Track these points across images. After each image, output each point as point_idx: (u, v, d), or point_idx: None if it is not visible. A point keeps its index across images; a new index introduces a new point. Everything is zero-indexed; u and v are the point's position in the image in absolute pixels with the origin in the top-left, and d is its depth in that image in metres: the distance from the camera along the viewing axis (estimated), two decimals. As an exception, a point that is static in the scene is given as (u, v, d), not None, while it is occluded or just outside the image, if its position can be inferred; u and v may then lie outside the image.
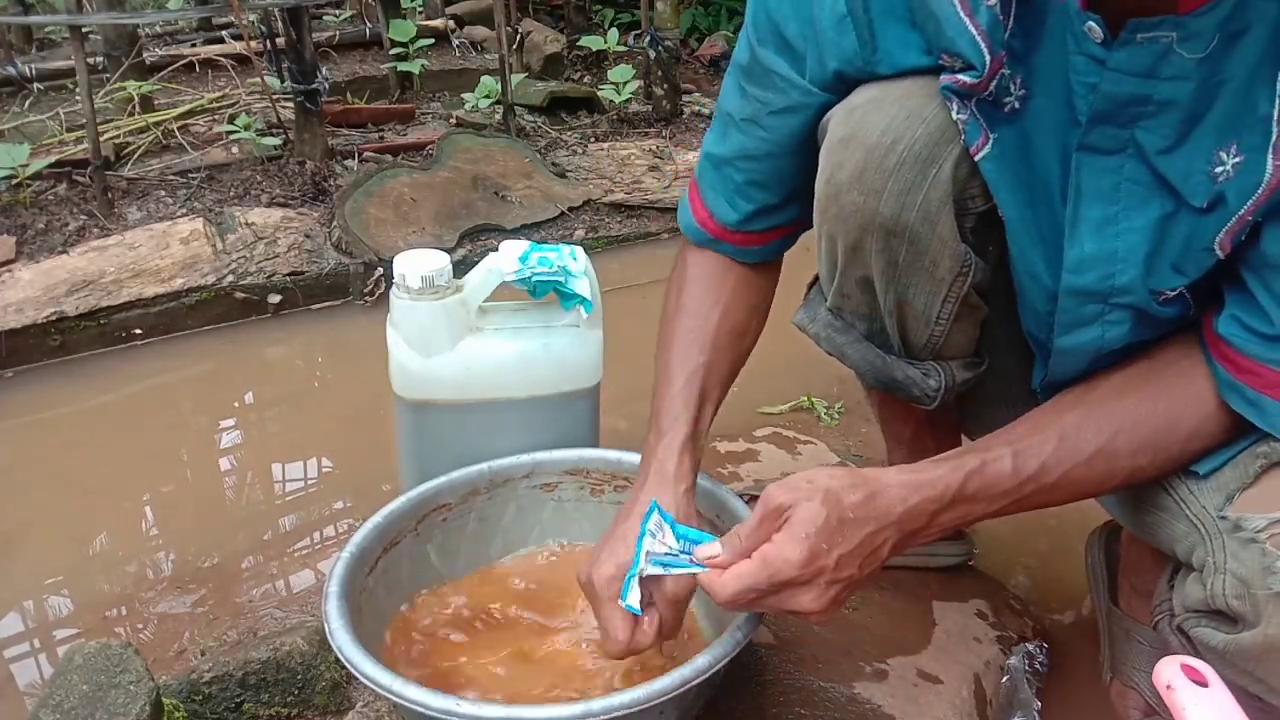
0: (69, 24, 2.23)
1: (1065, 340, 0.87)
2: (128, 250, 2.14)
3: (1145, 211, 0.77)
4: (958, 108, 0.80)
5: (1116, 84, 0.73)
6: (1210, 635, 0.80)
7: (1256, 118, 0.70)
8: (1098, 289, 0.82)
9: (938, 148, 0.81)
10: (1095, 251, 0.80)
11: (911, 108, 0.81)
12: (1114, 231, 0.79)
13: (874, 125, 0.82)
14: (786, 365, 1.15)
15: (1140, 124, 0.74)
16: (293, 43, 2.48)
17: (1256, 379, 0.77)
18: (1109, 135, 0.75)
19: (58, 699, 0.82)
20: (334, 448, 1.74)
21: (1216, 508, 0.80)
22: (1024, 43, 0.76)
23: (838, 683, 1.03)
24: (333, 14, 4.00)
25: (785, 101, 0.90)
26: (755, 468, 1.46)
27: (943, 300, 0.90)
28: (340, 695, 1.02)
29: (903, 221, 0.84)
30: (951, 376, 0.97)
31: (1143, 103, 0.73)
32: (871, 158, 0.83)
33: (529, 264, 1.12)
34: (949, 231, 0.85)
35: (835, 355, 1.02)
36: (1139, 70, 0.71)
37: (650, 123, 3.35)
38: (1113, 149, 0.76)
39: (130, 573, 1.40)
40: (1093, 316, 0.84)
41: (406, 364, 1.13)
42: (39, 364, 1.96)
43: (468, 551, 1.11)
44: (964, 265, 0.87)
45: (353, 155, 2.70)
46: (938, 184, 0.82)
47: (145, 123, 2.65)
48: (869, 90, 0.84)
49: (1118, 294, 0.81)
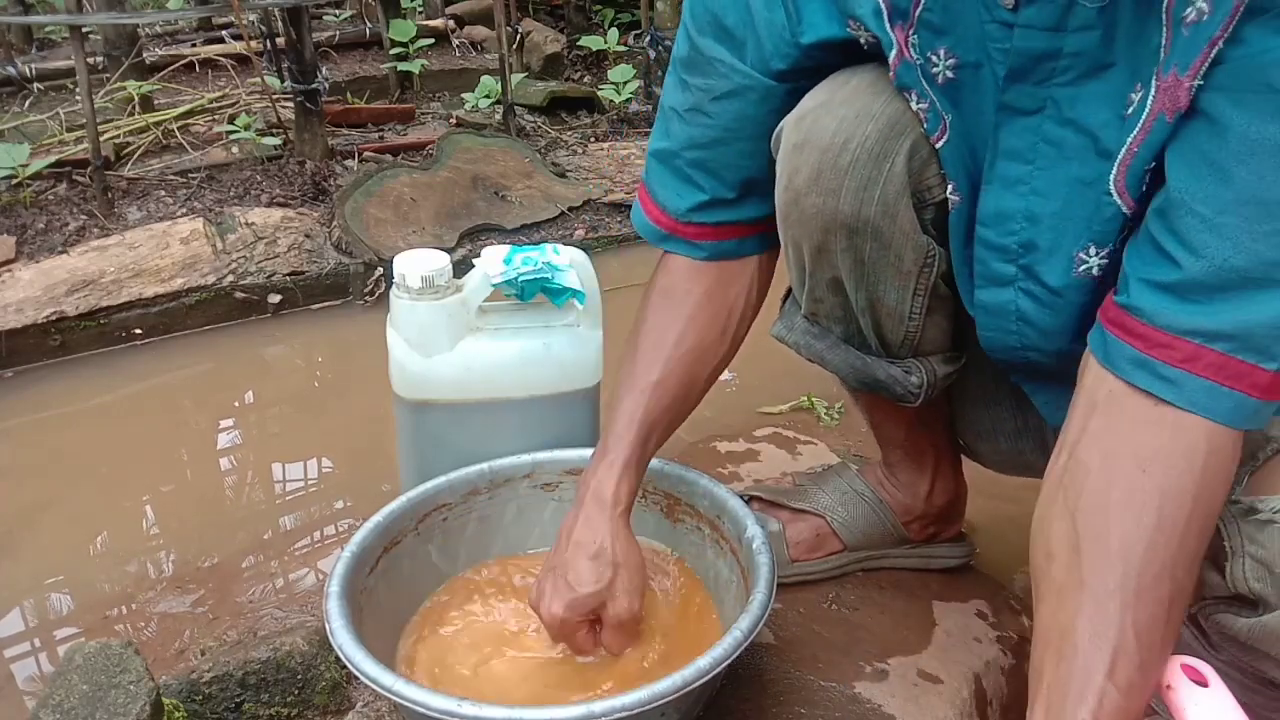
0: (69, 24, 2.23)
1: (983, 295, 0.87)
2: (128, 250, 2.14)
3: (1058, 170, 0.78)
4: (916, 97, 0.81)
5: (1026, 39, 0.74)
6: (1231, 621, 0.79)
7: (1150, 50, 0.70)
8: (1004, 244, 0.83)
9: (889, 142, 0.83)
10: (1005, 207, 0.81)
11: (860, 107, 0.83)
12: (1026, 189, 0.80)
13: (825, 128, 0.84)
14: (786, 365, 1.15)
15: (1055, 80, 0.75)
16: (293, 43, 2.48)
17: (1171, 353, 0.69)
18: (1026, 94, 0.77)
19: (58, 699, 0.82)
20: (334, 447, 1.74)
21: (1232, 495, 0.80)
22: (942, 15, 0.78)
23: (838, 683, 1.03)
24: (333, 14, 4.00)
25: (728, 85, 0.90)
26: (755, 468, 1.46)
27: (913, 293, 0.91)
28: (340, 695, 1.02)
29: (863, 217, 0.85)
30: (933, 372, 0.98)
31: (1054, 57, 0.74)
32: (826, 159, 0.84)
33: (514, 265, 1.12)
34: (909, 224, 0.86)
35: (816, 361, 1.02)
36: (1046, 25, 0.73)
37: (650, 122, 3.35)
38: (1031, 108, 0.77)
39: (130, 572, 1.40)
40: (1007, 277, 0.85)
41: (406, 364, 1.13)
42: (39, 364, 1.96)
43: (468, 551, 1.11)
44: (928, 256, 0.89)
45: (353, 155, 2.70)
46: (893, 177, 0.84)
47: (145, 123, 2.66)
48: (817, 95, 0.86)
49: (1026, 252, 0.82)
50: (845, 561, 1.18)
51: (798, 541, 1.17)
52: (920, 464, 1.15)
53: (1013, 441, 1.08)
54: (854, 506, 1.17)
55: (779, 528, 1.17)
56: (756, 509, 1.14)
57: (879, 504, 1.17)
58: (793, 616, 1.13)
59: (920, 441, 1.14)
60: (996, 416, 1.07)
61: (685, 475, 1.09)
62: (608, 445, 0.96)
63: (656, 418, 0.98)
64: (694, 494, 1.09)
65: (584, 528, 0.94)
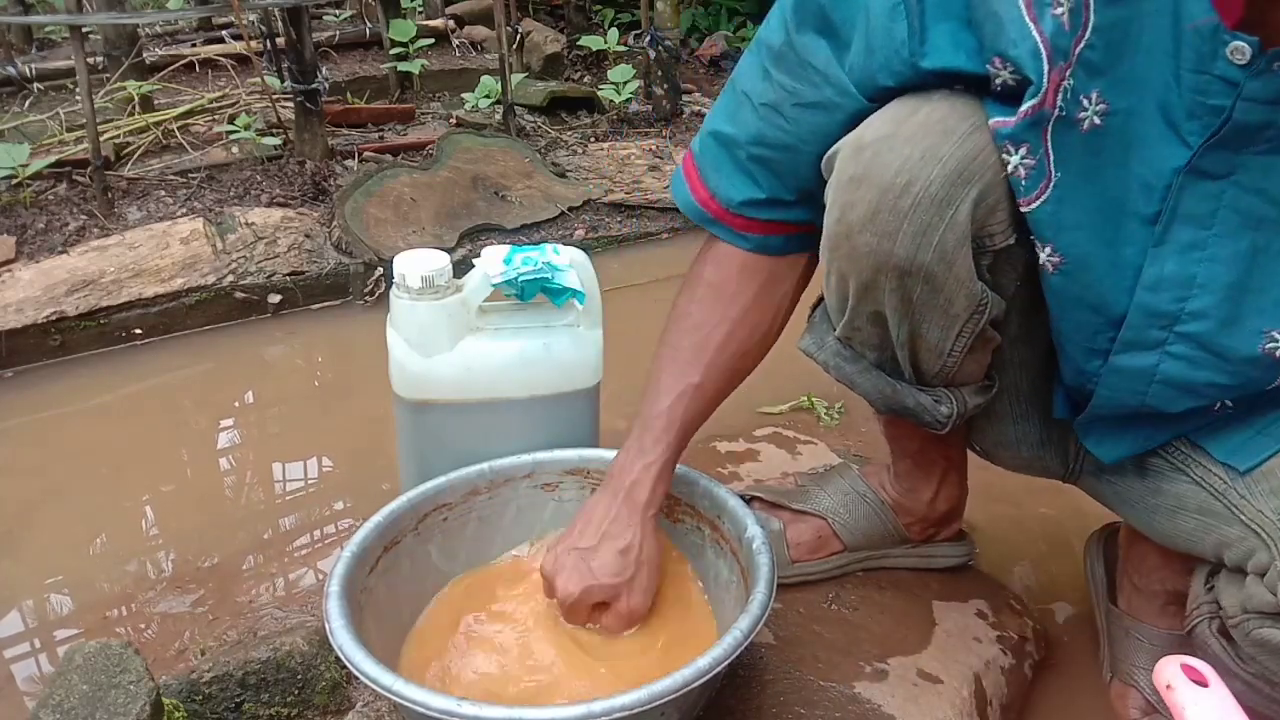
0: (69, 24, 2.23)
1: (1122, 359, 0.84)
2: (128, 250, 2.13)
3: (1237, 240, 0.75)
4: (1026, 152, 0.76)
5: (1246, 113, 0.70)
6: (1274, 635, 0.79)
7: None
8: (1168, 310, 0.79)
9: (955, 189, 0.78)
10: (1174, 273, 0.78)
11: (927, 146, 0.78)
12: (1199, 256, 0.77)
13: (887, 165, 0.79)
14: (786, 365, 1.14)
15: (1250, 149, 0.72)
16: (293, 42, 2.48)
17: None
18: (1221, 160, 0.73)
19: (58, 699, 0.82)
20: (334, 447, 1.74)
21: (1275, 510, 0.80)
22: (1105, 54, 0.72)
23: (838, 683, 1.03)
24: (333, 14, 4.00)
25: (816, 96, 0.86)
26: (755, 468, 1.46)
27: (957, 334, 0.88)
28: (340, 695, 1.02)
29: (918, 263, 0.81)
30: (964, 402, 0.95)
31: (1265, 128, 0.71)
32: (885, 199, 0.79)
33: (513, 265, 1.12)
34: (965, 272, 0.82)
35: (844, 383, 1.00)
36: (1270, 98, 0.69)
37: (650, 123, 3.35)
38: (1219, 174, 0.74)
39: (130, 572, 1.40)
40: (1155, 342, 0.81)
41: (406, 364, 1.13)
42: (39, 364, 1.96)
43: (468, 551, 1.11)
44: (980, 303, 0.85)
45: (353, 155, 2.70)
46: (954, 226, 0.79)
47: (145, 123, 2.65)
48: (879, 125, 0.81)
49: (1186, 319, 0.79)
50: (846, 562, 1.19)
51: (799, 542, 1.17)
52: (929, 473, 1.14)
53: (1036, 450, 1.05)
54: (856, 508, 1.17)
55: (780, 528, 1.17)
56: (757, 509, 1.14)
57: (881, 506, 1.17)
58: (793, 616, 1.13)
59: (932, 454, 1.13)
60: (1022, 431, 1.04)
61: (685, 475, 1.09)
62: (645, 444, 0.96)
63: (692, 419, 0.98)
64: (694, 494, 1.09)
65: (616, 523, 0.96)
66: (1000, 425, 1.04)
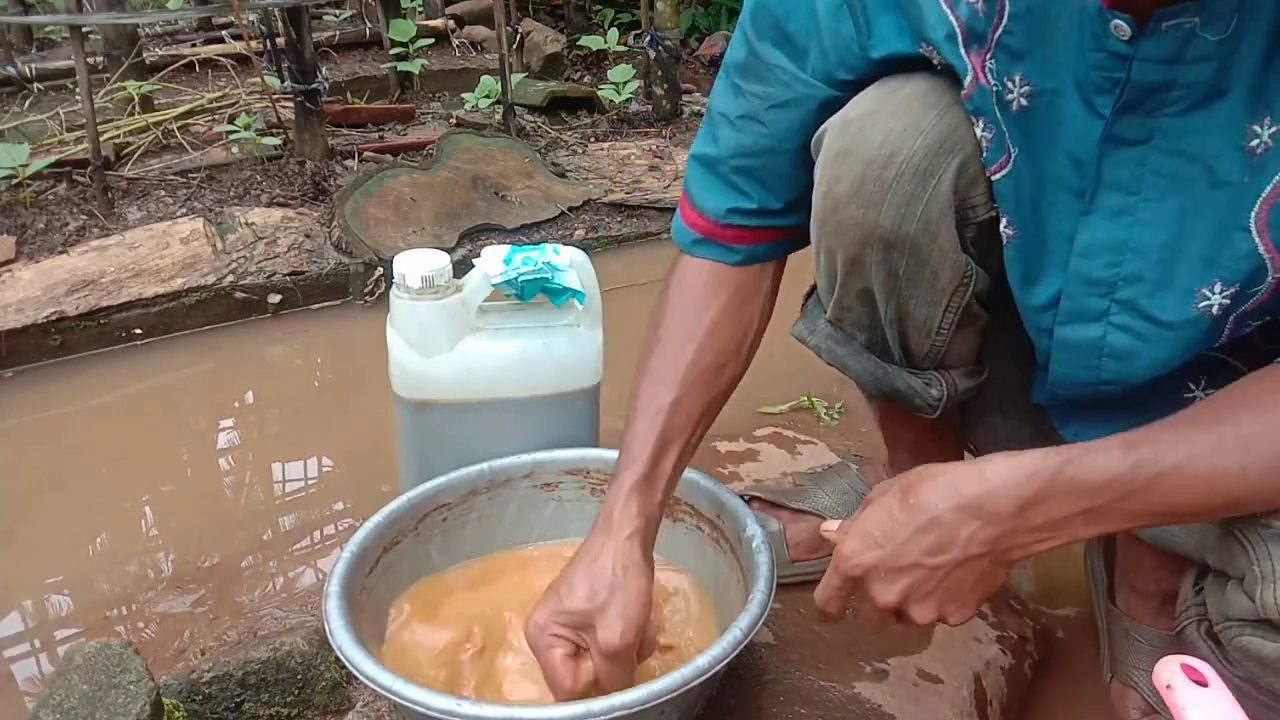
0: (69, 24, 2.23)
1: (1066, 331, 0.85)
2: (128, 250, 2.14)
3: (1163, 202, 0.76)
4: (985, 124, 0.79)
5: (1144, 73, 0.71)
6: (1259, 645, 0.78)
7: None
8: (1102, 276, 0.80)
9: (937, 159, 0.81)
10: (1105, 239, 0.79)
11: (909, 120, 0.81)
12: (1128, 221, 0.78)
13: (872, 138, 0.81)
14: (786, 365, 1.15)
15: (1164, 111, 0.73)
16: (293, 42, 2.48)
17: None
18: (1134, 124, 0.74)
19: (58, 699, 0.82)
20: (333, 448, 1.74)
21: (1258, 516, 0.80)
22: (1025, 39, 0.75)
23: (838, 683, 1.03)
24: (333, 14, 4.00)
25: (788, 94, 0.88)
26: (755, 468, 1.46)
27: (944, 310, 0.89)
28: (340, 695, 1.02)
29: (903, 234, 0.83)
30: (954, 385, 0.97)
31: (1168, 88, 0.71)
32: (870, 170, 0.82)
33: (514, 265, 1.12)
34: (950, 243, 0.84)
35: (836, 366, 1.01)
36: (1165, 57, 0.70)
37: (650, 123, 3.36)
38: (1137, 139, 0.75)
39: (130, 572, 1.40)
40: (1098, 312, 0.82)
41: (406, 364, 1.13)
42: (39, 364, 1.96)
43: (468, 551, 1.11)
44: (965, 275, 0.87)
45: (353, 155, 2.70)
46: (938, 195, 0.82)
47: (145, 123, 2.66)
48: (864, 102, 0.83)
49: (1122, 285, 0.80)
50: (845, 561, 1.18)
51: (798, 542, 1.17)
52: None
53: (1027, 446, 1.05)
54: (855, 507, 1.17)
55: (779, 528, 1.17)
56: (757, 509, 1.14)
57: (879, 504, 1.17)
58: (793, 616, 1.13)
59: (928, 447, 1.13)
60: (1012, 426, 1.05)
61: (685, 475, 1.09)
62: (620, 467, 0.93)
63: (673, 436, 0.94)
64: (693, 493, 1.09)
65: (589, 545, 0.90)
66: (992, 419, 1.05)
